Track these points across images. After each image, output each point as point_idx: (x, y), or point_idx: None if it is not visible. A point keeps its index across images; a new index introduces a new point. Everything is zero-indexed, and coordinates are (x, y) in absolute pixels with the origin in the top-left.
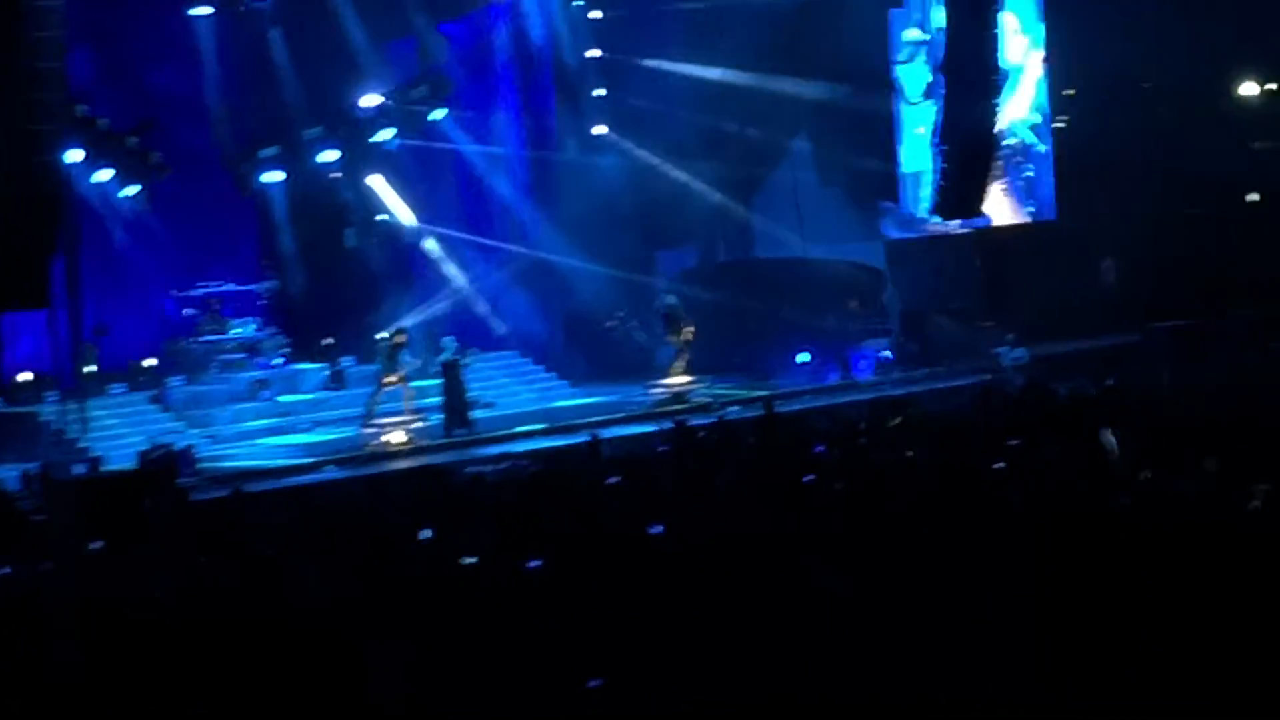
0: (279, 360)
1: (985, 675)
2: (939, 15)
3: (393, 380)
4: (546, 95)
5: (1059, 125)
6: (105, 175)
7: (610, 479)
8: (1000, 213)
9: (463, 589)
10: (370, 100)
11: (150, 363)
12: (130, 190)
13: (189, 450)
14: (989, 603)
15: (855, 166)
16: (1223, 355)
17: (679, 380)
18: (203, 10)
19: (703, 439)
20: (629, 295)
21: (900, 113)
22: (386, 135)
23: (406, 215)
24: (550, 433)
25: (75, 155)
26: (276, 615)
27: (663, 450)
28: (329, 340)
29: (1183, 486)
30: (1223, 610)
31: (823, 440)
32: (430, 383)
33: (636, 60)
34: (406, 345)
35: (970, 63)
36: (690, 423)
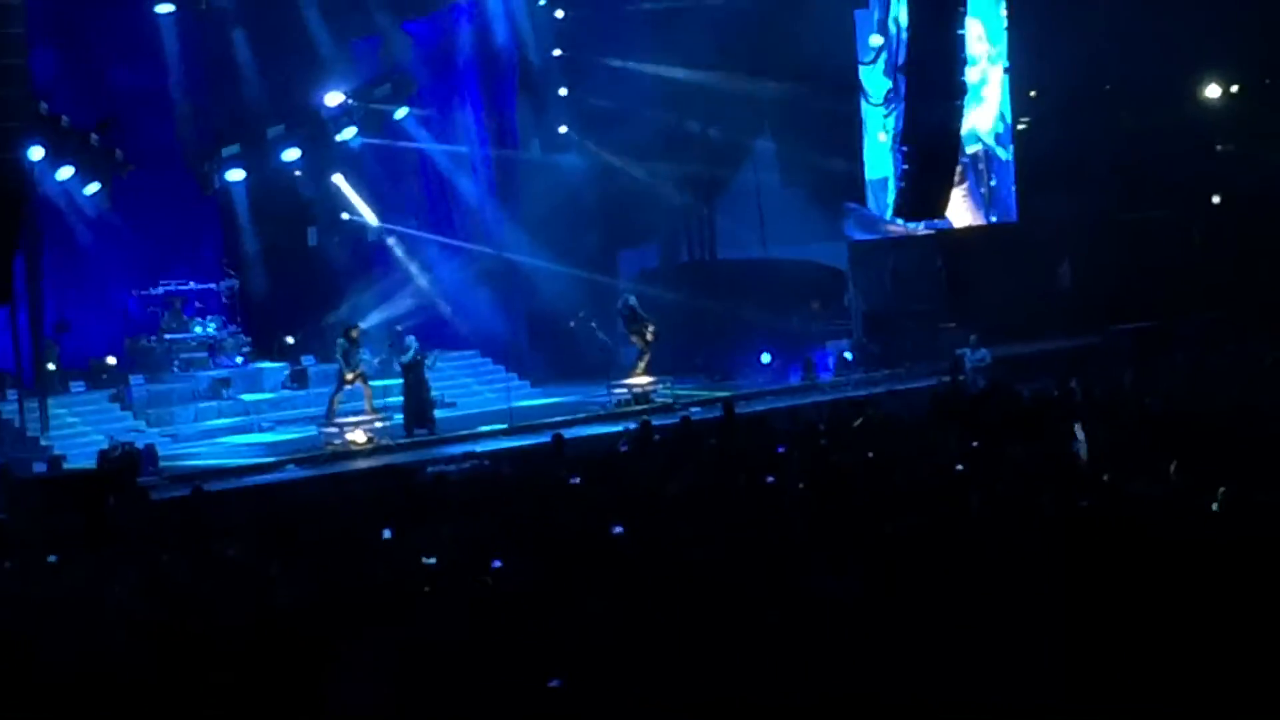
0: (240, 359)
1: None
2: (902, 15)
3: (350, 378)
4: (510, 95)
5: (1021, 127)
6: (67, 173)
7: (572, 479)
8: (962, 219)
9: (424, 588)
10: (333, 99)
11: (111, 361)
12: (92, 188)
13: (150, 449)
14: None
15: (819, 167)
16: (1184, 357)
17: (641, 380)
18: (165, 8)
19: (664, 439)
20: (591, 295)
21: (865, 114)
22: (349, 134)
23: (369, 214)
24: (512, 433)
25: (37, 152)
26: (238, 614)
27: (624, 450)
28: (290, 339)
29: (1144, 488)
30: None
31: (784, 441)
32: (392, 382)
33: (600, 60)
34: (361, 343)
35: (933, 62)
36: (652, 423)
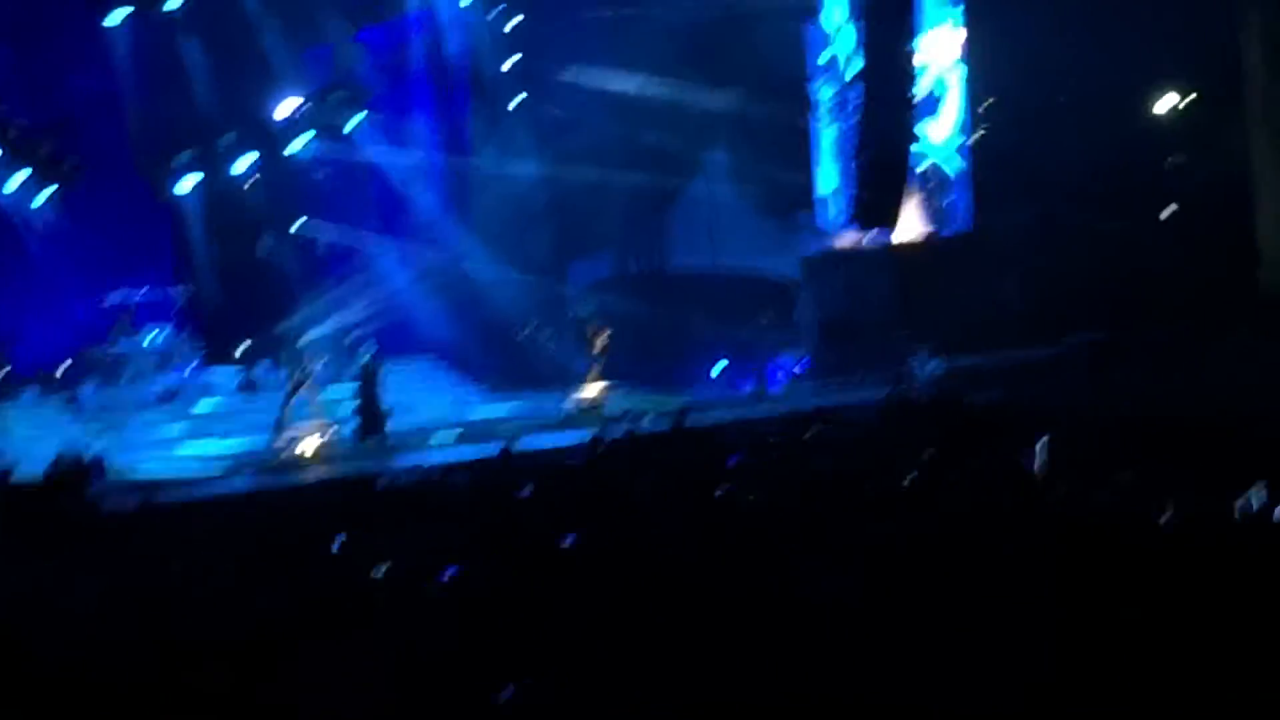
0: (192, 367)
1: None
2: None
3: (300, 387)
4: (463, 103)
5: (976, 138)
6: (18, 179)
7: (523, 488)
8: (917, 229)
9: (375, 598)
10: (286, 107)
11: (62, 368)
12: (43, 194)
13: (100, 458)
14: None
15: (772, 179)
16: (1139, 369)
17: (593, 390)
18: (117, 17)
19: (616, 449)
20: (543, 304)
21: (816, 127)
22: (302, 142)
23: (321, 222)
24: (463, 441)
25: None
26: (191, 626)
27: (576, 460)
28: (243, 347)
29: (1097, 500)
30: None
31: (736, 452)
32: (343, 391)
33: (553, 70)
34: (312, 351)
35: (886, 74)
36: (604, 433)
